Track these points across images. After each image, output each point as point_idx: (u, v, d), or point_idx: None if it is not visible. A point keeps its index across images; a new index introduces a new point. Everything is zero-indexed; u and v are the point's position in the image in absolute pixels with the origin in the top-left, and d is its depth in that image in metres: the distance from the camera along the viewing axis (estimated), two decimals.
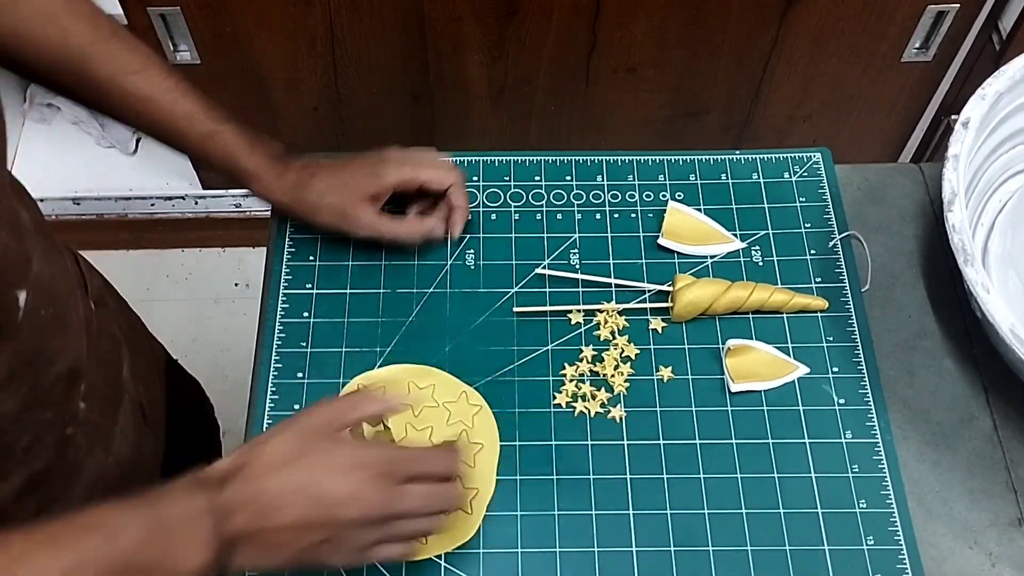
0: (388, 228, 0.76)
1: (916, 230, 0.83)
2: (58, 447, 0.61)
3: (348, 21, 1.23)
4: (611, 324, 0.77)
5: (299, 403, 0.73)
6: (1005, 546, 0.69)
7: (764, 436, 0.72)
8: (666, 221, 0.80)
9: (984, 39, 1.29)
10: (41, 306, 0.57)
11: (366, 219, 0.75)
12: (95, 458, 0.66)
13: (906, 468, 0.72)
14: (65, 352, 0.60)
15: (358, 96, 1.36)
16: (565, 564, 0.67)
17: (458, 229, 0.79)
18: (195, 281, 1.71)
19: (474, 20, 1.22)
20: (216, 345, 1.62)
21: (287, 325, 0.77)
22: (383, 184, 0.75)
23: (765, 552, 0.68)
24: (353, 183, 0.75)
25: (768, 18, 1.23)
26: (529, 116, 1.39)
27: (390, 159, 0.77)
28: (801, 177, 0.85)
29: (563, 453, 0.72)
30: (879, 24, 1.25)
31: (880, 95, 1.38)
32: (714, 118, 1.40)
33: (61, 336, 0.60)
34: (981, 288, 0.66)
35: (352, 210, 0.75)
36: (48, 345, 0.58)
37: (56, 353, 0.59)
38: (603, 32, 1.24)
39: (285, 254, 0.80)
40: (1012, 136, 0.80)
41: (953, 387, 0.75)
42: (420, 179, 0.77)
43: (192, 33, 1.24)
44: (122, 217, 1.63)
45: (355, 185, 0.75)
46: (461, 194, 0.79)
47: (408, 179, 0.76)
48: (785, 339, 0.77)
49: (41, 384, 0.58)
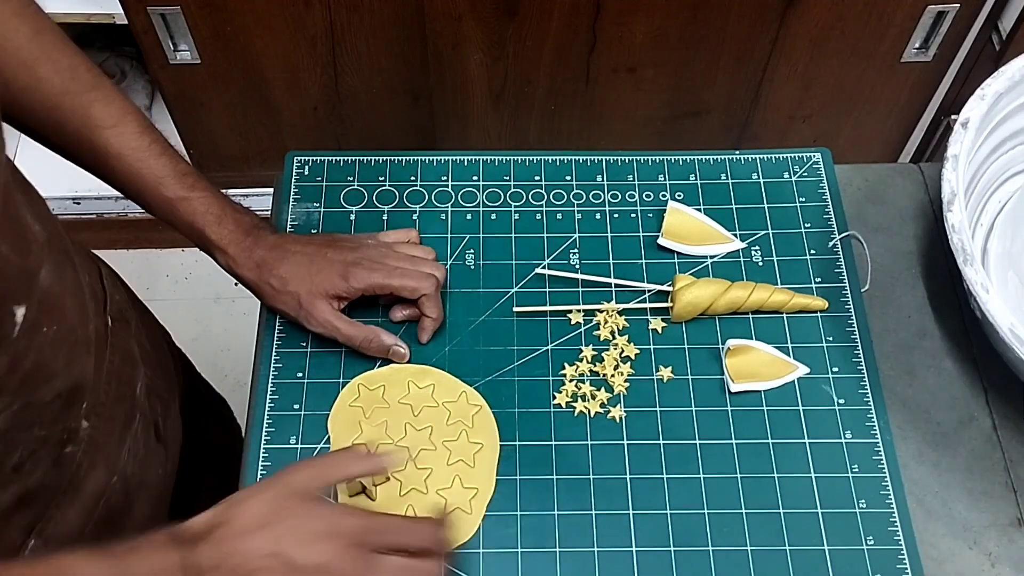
0: (344, 332, 0.72)
1: (916, 230, 0.83)
2: (55, 464, 0.60)
3: (348, 21, 1.23)
4: (611, 324, 0.77)
5: (299, 403, 0.73)
6: (1005, 546, 0.69)
7: (764, 436, 0.72)
8: (666, 221, 0.80)
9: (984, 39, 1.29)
10: (44, 323, 0.55)
11: (321, 316, 0.72)
12: (96, 476, 0.64)
13: (906, 468, 0.72)
14: (67, 370, 0.59)
15: (358, 96, 1.36)
16: (565, 564, 0.67)
17: (426, 336, 0.75)
18: (195, 281, 1.71)
19: (474, 20, 1.22)
20: (216, 345, 1.62)
21: (287, 325, 0.77)
22: (349, 288, 0.71)
23: (765, 552, 0.68)
24: (319, 279, 0.71)
25: (768, 18, 1.23)
26: (529, 116, 1.39)
27: (363, 260, 0.72)
28: (801, 177, 0.85)
29: (563, 453, 0.72)
30: (879, 24, 1.25)
31: (880, 95, 1.38)
32: (714, 118, 1.40)
33: (64, 354, 0.58)
34: (981, 288, 0.66)
35: (309, 305, 0.71)
36: (48, 363, 0.57)
37: (57, 371, 0.58)
38: (603, 32, 1.24)
39: None
40: (1012, 136, 0.80)
41: (953, 387, 0.75)
42: (391, 287, 0.72)
43: (192, 33, 1.24)
44: (122, 217, 1.63)
45: (320, 281, 0.71)
46: (434, 305, 0.74)
47: (378, 285, 0.72)
48: (785, 339, 0.77)
49: (35, 401, 0.56)
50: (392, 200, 0.83)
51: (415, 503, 0.69)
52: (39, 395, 0.57)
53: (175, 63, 1.29)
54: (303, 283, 0.71)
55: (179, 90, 1.35)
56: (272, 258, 0.72)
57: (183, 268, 1.71)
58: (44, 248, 0.56)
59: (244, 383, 0.76)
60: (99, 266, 0.72)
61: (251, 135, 1.44)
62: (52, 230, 0.59)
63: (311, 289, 0.71)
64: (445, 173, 0.85)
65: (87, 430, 0.62)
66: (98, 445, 0.64)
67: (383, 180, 0.85)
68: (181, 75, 1.32)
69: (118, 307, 0.70)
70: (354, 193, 0.84)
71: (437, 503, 0.69)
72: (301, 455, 0.71)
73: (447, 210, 0.83)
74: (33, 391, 0.56)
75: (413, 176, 0.85)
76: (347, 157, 0.86)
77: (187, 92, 1.35)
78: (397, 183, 0.84)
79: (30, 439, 0.57)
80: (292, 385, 0.74)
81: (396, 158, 0.86)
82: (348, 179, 0.84)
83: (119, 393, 0.67)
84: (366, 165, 0.85)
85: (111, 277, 0.73)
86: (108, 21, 1.34)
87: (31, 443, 0.57)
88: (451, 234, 0.82)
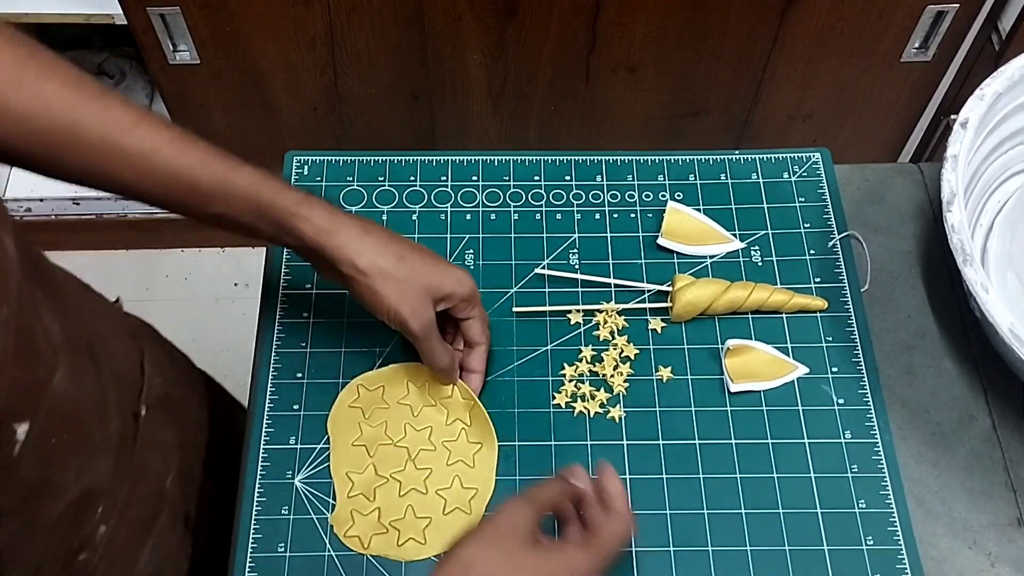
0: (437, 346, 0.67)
1: (915, 230, 0.83)
2: (66, 574, 0.56)
3: (348, 21, 1.23)
4: (610, 324, 0.77)
5: (298, 403, 0.73)
6: (1004, 546, 0.69)
7: (763, 436, 0.72)
8: (665, 221, 0.80)
9: (983, 39, 1.29)
10: (52, 435, 0.50)
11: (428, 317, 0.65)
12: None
13: (905, 468, 0.72)
14: (79, 480, 0.54)
15: (358, 96, 1.36)
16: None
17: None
18: (194, 281, 1.71)
19: (474, 20, 1.22)
20: (216, 345, 1.62)
21: (286, 325, 0.77)
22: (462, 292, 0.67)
23: (764, 552, 0.68)
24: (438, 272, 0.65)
25: (768, 18, 1.23)
26: (528, 116, 1.39)
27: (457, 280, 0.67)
28: (800, 177, 0.85)
29: (562, 453, 0.72)
30: (879, 24, 1.25)
31: (879, 95, 1.38)
32: (714, 118, 1.40)
33: (76, 464, 0.53)
34: (980, 288, 0.66)
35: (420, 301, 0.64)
36: (56, 477, 0.51)
37: (67, 484, 0.53)
38: (603, 32, 1.24)
39: (284, 254, 0.81)
40: (1011, 136, 0.80)
41: (952, 387, 0.76)
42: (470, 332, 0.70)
43: (191, 33, 1.24)
44: (122, 217, 1.63)
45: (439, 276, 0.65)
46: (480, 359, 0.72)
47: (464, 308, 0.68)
48: (784, 339, 0.77)
49: (41, 518, 0.51)
50: (391, 200, 0.83)
51: (415, 503, 0.69)
52: (45, 512, 0.52)
53: (174, 63, 1.29)
54: (422, 272, 0.64)
55: (178, 90, 1.35)
56: (381, 232, 0.64)
57: (183, 268, 1.71)
58: (61, 350, 0.51)
59: (244, 383, 0.76)
60: (142, 346, 0.67)
61: (250, 135, 1.43)
62: (73, 323, 0.54)
63: (430, 284, 0.65)
64: (444, 173, 0.85)
65: (105, 534, 0.58)
66: (117, 549, 0.60)
67: (382, 180, 0.85)
68: (180, 75, 1.32)
69: (157, 392, 0.66)
70: (353, 193, 0.84)
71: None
72: (300, 455, 0.71)
73: (446, 210, 0.83)
74: (37, 509, 0.51)
75: (412, 176, 0.85)
76: (346, 157, 0.86)
77: (186, 92, 1.35)
78: (396, 183, 0.84)
79: (33, 555, 0.52)
80: (292, 385, 0.74)
81: (395, 158, 0.86)
82: (347, 179, 0.84)
83: (144, 492, 0.63)
84: (365, 165, 0.85)
85: (156, 355, 0.68)
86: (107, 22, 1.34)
87: (34, 559, 0.53)
88: (450, 234, 0.82)
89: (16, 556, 0.50)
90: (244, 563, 0.67)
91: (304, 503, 0.70)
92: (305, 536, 0.68)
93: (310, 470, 0.71)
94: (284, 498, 0.70)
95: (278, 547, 0.68)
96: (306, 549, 0.68)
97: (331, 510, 0.69)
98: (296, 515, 0.69)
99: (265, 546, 0.68)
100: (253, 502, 0.69)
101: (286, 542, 0.68)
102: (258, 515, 0.69)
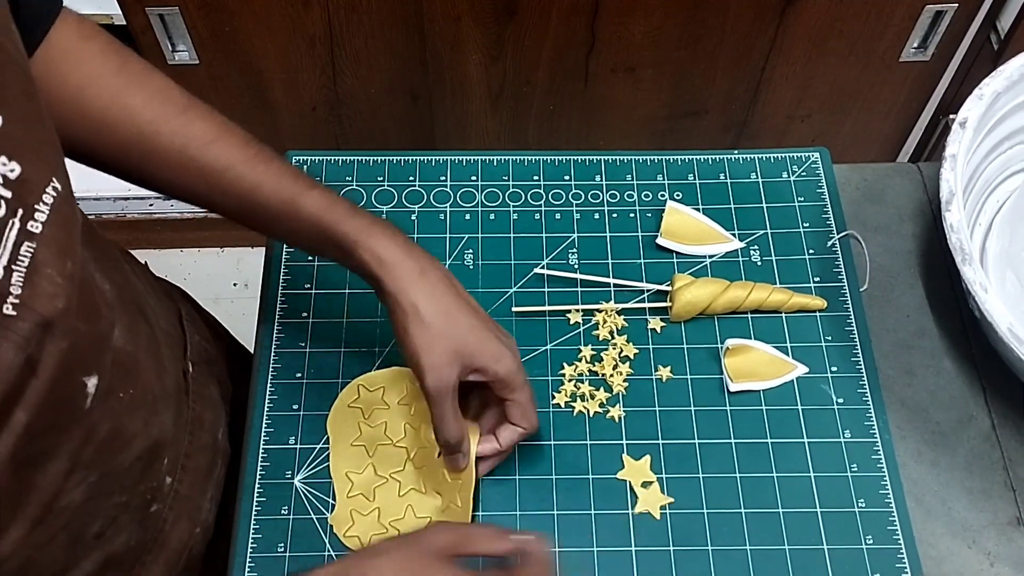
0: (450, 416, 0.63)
1: (914, 230, 0.83)
2: (141, 525, 0.58)
3: (347, 21, 1.23)
4: (610, 324, 0.77)
5: (297, 403, 0.73)
6: (1004, 545, 0.69)
7: (763, 436, 0.72)
8: (665, 221, 0.80)
9: (982, 39, 1.29)
10: (119, 388, 0.52)
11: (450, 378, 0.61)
12: (180, 529, 0.63)
13: (905, 467, 0.72)
14: (146, 431, 0.56)
15: (357, 96, 1.36)
16: (564, 564, 0.67)
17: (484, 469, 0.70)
18: (194, 281, 1.71)
19: (473, 20, 1.22)
20: None
21: (286, 325, 0.77)
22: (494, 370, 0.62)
23: (764, 552, 0.68)
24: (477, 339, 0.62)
25: (767, 18, 1.23)
26: (528, 116, 1.39)
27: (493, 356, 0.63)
28: (799, 177, 0.85)
29: (562, 452, 0.72)
30: (877, 24, 1.25)
31: (878, 95, 1.38)
32: (713, 118, 1.40)
33: (142, 416, 0.56)
34: (979, 287, 0.66)
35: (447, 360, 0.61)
36: (125, 428, 0.54)
37: (135, 435, 0.55)
38: (602, 32, 1.24)
39: (284, 254, 0.81)
40: (1010, 136, 0.80)
41: (951, 386, 0.76)
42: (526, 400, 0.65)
43: (191, 33, 1.24)
44: (121, 217, 1.63)
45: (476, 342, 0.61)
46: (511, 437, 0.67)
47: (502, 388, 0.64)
48: (784, 339, 0.77)
49: (114, 470, 0.54)
50: (391, 200, 0.83)
51: (414, 503, 0.69)
52: (117, 463, 0.54)
53: (173, 64, 1.29)
54: (461, 333, 0.61)
55: None
56: (439, 278, 0.62)
57: (182, 268, 1.71)
58: (114, 307, 0.54)
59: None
60: (178, 304, 0.68)
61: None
62: (122, 282, 0.56)
63: (463, 348, 0.61)
64: (444, 173, 0.85)
65: (171, 485, 0.61)
66: (183, 499, 0.63)
67: (382, 180, 0.85)
68: (180, 76, 1.32)
69: (198, 348, 0.67)
70: (353, 193, 0.84)
71: (436, 503, 0.69)
72: (300, 455, 0.71)
73: (446, 210, 0.83)
74: (110, 460, 0.53)
75: (412, 176, 0.85)
76: (346, 157, 0.86)
77: None
78: (396, 183, 0.84)
79: (110, 506, 0.55)
80: (291, 386, 0.74)
81: (395, 158, 0.86)
82: (347, 179, 0.84)
83: (202, 442, 0.65)
84: (365, 165, 0.85)
85: (191, 313, 0.69)
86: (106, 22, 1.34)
87: (112, 510, 0.55)
88: (450, 234, 0.82)
89: (98, 507, 0.54)
90: (244, 563, 0.67)
91: (304, 503, 0.70)
92: (305, 536, 0.68)
93: (310, 470, 0.71)
94: (284, 498, 0.70)
95: (278, 547, 0.68)
96: (306, 549, 0.68)
97: (331, 510, 0.69)
98: (296, 515, 0.69)
99: (265, 546, 0.68)
100: (253, 502, 0.69)
101: (286, 542, 0.68)
102: (258, 515, 0.69)
